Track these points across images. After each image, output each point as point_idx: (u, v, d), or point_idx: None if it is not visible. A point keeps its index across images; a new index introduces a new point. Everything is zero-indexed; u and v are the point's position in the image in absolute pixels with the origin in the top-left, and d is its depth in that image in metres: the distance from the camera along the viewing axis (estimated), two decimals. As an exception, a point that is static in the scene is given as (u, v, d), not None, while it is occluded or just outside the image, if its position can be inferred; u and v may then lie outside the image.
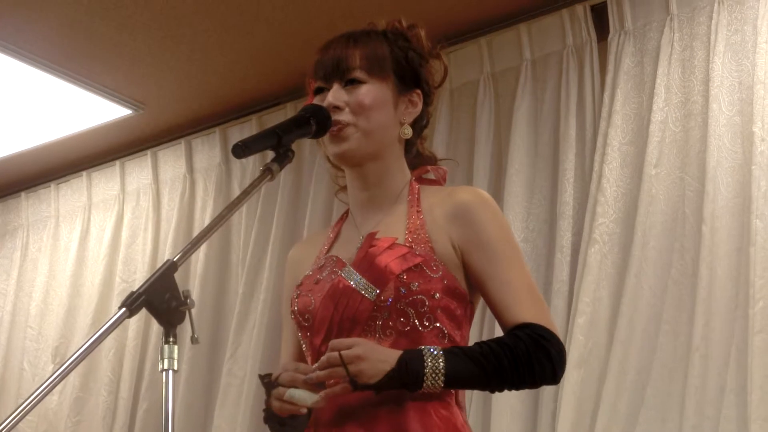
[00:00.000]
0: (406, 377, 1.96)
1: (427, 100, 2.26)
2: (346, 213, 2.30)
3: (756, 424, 3.12)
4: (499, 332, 2.13)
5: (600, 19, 3.87)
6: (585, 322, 3.54)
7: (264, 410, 2.11)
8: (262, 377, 2.08)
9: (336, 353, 1.95)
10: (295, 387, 1.99)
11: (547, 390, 3.56)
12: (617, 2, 3.80)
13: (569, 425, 3.47)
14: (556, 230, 3.75)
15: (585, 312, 3.55)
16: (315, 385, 1.99)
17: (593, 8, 3.88)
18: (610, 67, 3.77)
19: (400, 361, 1.96)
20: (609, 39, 3.81)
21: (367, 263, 2.08)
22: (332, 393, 1.98)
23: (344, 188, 2.31)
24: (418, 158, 2.30)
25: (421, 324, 2.05)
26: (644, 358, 3.45)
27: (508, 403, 3.60)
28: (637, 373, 3.44)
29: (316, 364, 1.99)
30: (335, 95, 2.15)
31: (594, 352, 3.52)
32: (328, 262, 2.17)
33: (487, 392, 2.36)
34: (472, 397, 3.73)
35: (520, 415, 3.62)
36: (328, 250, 2.23)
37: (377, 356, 1.97)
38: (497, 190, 3.95)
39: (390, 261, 2.06)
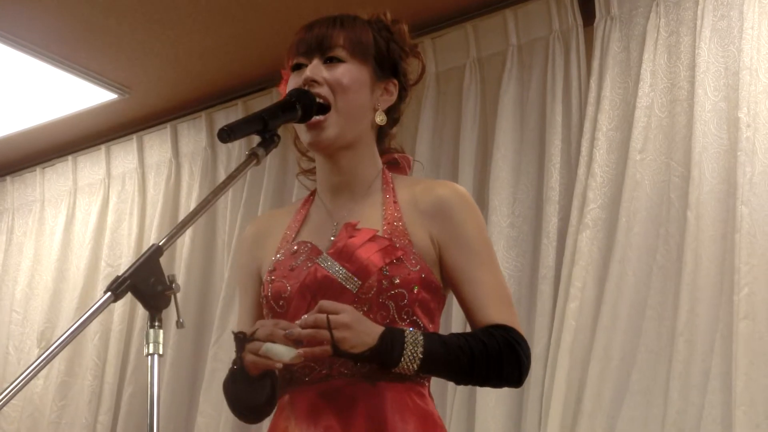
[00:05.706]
0: (384, 355, 1.98)
1: (402, 95, 2.28)
2: (312, 195, 2.29)
3: (740, 409, 3.13)
4: None
5: (586, 5, 3.87)
6: (576, 307, 3.54)
7: (230, 369, 2.08)
8: (236, 334, 2.05)
9: (324, 316, 1.95)
10: (272, 342, 1.97)
11: (534, 374, 3.56)
12: (604, -13, 3.80)
13: (558, 409, 3.47)
14: (542, 215, 3.75)
15: (576, 297, 3.55)
16: (293, 343, 1.96)
17: (579, -7, 3.89)
18: (597, 52, 3.77)
19: (382, 338, 1.98)
20: (595, 24, 3.81)
21: (347, 254, 2.08)
22: (311, 353, 1.96)
23: (306, 171, 2.32)
24: (387, 150, 2.31)
25: (399, 317, 2.07)
26: (629, 344, 3.45)
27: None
28: (621, 359, 3.45)
29: (299, 321, 1.97)
30: (314, 70, 2.16)
31: (580, 337, 3.53)
32: (302, 248, 2.16)
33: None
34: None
35: (505, 399, 3.62)
36: (296, 235, 2.22)
37: (363, 328, 1.97)
38: (483, 176, 3.95)
39: (372, 254, 2.07)
